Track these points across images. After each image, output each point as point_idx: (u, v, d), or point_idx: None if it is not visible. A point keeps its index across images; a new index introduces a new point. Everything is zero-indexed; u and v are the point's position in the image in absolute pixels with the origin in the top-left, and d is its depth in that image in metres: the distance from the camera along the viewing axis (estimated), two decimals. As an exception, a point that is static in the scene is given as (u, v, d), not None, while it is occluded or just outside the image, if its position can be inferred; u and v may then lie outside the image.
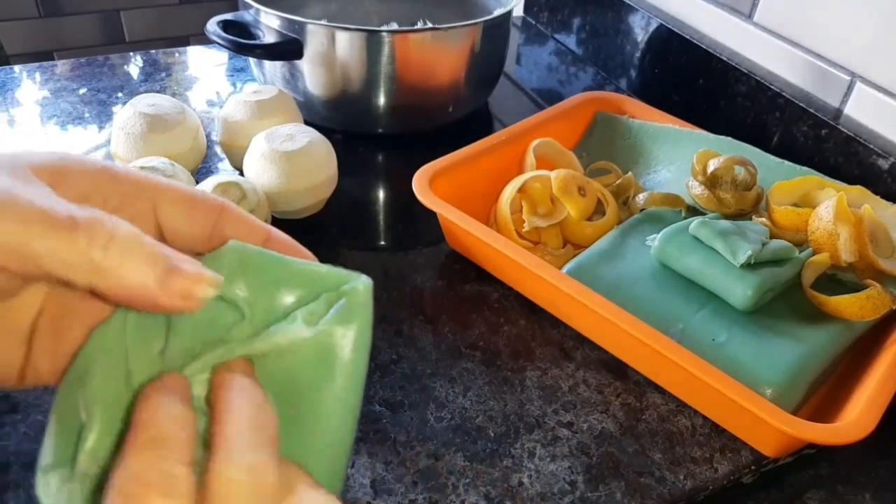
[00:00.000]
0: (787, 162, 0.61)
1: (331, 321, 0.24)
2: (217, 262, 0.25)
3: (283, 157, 0.57)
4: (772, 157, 0.62)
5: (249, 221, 0.26)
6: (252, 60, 0.78)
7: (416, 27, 0.84)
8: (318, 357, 0.24)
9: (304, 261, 0.26)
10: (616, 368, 0.51)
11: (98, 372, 0.24)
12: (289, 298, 0.25)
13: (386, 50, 0.67)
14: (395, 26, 0.85)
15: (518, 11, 1.08)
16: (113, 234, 0.21)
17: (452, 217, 0.54)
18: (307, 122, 0.65)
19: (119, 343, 0.24)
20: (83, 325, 0.25)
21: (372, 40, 0.66)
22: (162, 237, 0.25)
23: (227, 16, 0.70)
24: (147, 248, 0.21)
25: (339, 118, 0.73)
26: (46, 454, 0.24)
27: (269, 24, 0.68)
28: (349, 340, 0.25)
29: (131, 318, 0.24)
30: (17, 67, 0.83)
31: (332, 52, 0.67)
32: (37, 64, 0.84)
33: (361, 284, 0.25)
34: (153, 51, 0.89)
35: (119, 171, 0.24)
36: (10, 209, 0.19)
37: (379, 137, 0.75)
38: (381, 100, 0.71)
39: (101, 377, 0.24)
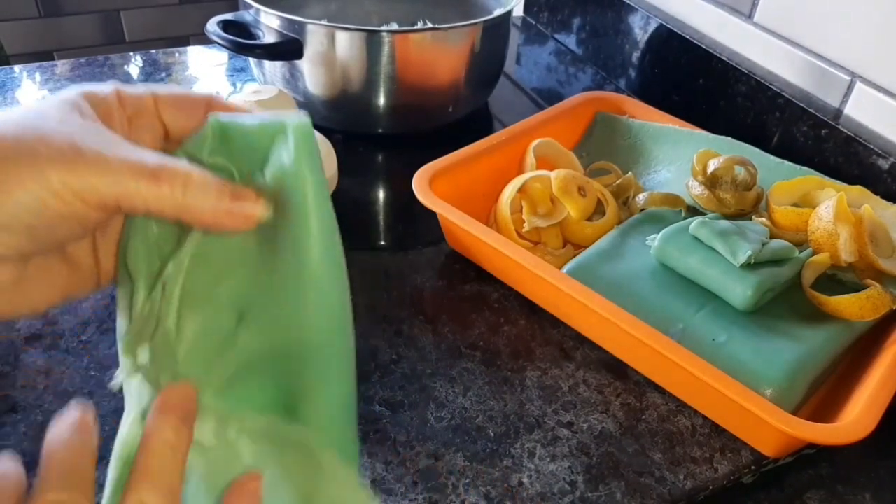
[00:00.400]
0: (787, 162, 0.61)
1: (279, 168, 0.27)
2: (202, 139, 0.28)
3: (283, 157, 0.57)
4: (772, 157, 0.62)
5: (232, 106, 0.30)
6: (252, 60, 0.78)
7: (416, 27, 0.84)
8: (284, 201, 0.27)
9: (258, 117, 0.28)
10: (616, 368, 0.51)
11: (133, 248, 0.29)
12: (260, 154, 0.28)
13: (386, 50, 0.67)
14: (394, 26, 0.85)
15: (518, 11, 1.08)
16: (187, 180, 0.26)
17: (452, 217, 0.54)
18: (307, 122, 0.65)
19: (145, 224, 0.29)
20: (121, 222, 0.31)
21: (372, 40, 0.66)
22: (169, 136, 0.30)
23: (227, 16, 0.70)
24: (214, 184, 0.26)
25: (339, 118, 0.73)
26: (118, 327, 0.30)
27: (269, 24, 0.68)
28: (300, 181, 0.27)
29: None
30: (17, 67, 0.83)
31: (332, 52, 0.67)
32: (37, 64, 0.84)
33: (292, 127, 0.27)
34: (153, 51, 0.89)
35: (125, 90, 0.29)
36: (110, 168, 0.25)
37: (379, 137, 0.75)
38: (381, 100, 0.71)
39: (135, 252, 0.29)
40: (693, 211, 0.59)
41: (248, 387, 0.29)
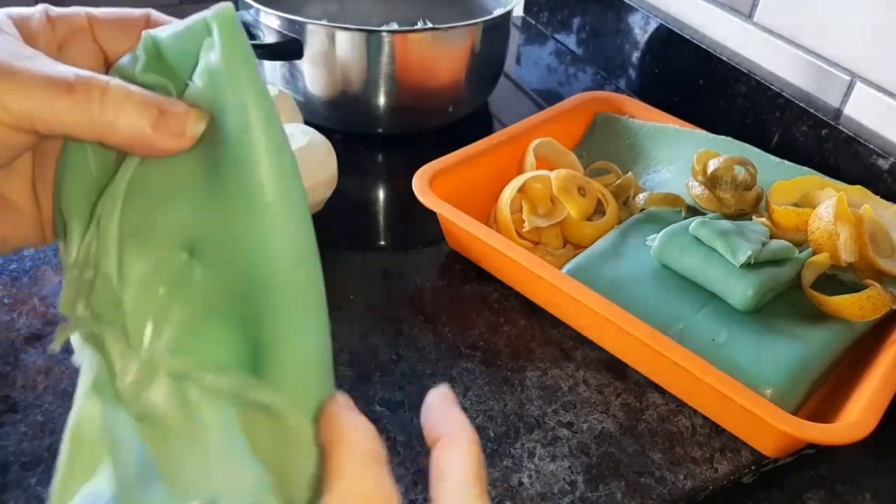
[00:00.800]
0: (787, 162, 0.61)
1: (207, 70, 0.23)
2: (135, 58, 0.25)
3: (283, 157, 0.57)
4: (772, 157, 0.62)
5: (172, 20, 0.28)
6: (252, 60, 0.78)
7: (416, 27, 0.84)
8: (220, 108, 0.23)
9: (187, 20, 0.24)
10: (616, 368, 0.51)
11: (67, 189, 0.26)
12: (192, 61, 0.24)
13: (386, 50, 0.67)
14: (394, 26, 0.86)
15: (518, 11, 1.08)
16: (104, 91, 0.23)
17: (452, 217, 0.54)
18: (307, 122, 0.65)
19: (81, 152, 0.26)
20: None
21: (372, 40, 0.66)
22: (108, 62, 0.27)
23: (228, 16, 0.70)
24: (136, 97, 0.23)
25: (339, 118, 0.73)
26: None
27: (269, 24, 0.69)
28: (233, 81, 0.23)
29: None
30: (17, 67, 0.83)
31: (332, 52, 0.67)
32: (37, 64, 0.84)
33: (211, 18, 0.23)
34: (153, 51, 0.89)
35: (55, 10, 0.26)
36: (17, 80, 0.22)
37: (379, 137, 0.75)
38: (381, 100, 0.71)
39: (69, 192, 0.25)
40: (693, 211, 0.59)
41: (208, 335, 0.24)
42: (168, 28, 0.25)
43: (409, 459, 0.43)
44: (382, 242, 0.63)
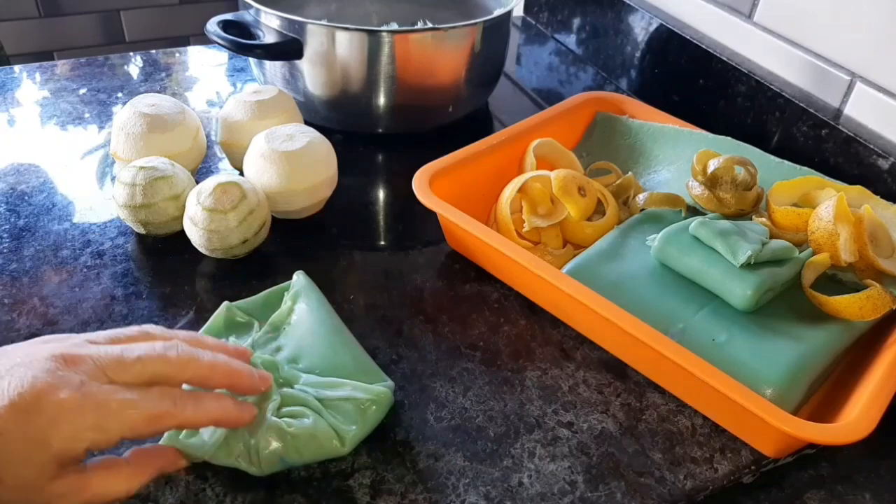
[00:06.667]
0: (787, 162, 0.61)
1: (289, 304, 0.50)
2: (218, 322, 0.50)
3: (283, 157, 0.57)
4: (772, 157, 0.62)
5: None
6: (252, 60, 0.78)
7: (416, 27, 0.84)
8: (307, 294, 0.50)
9: (275, 288, 0.52)
10: (616, 368, 0.51)
11: None
12: (275, 300, 0.51)
13: (386, 50, 0.67)
14: (394, 26, 0.86)
15: (518, 11, 1.08)
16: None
17: (452, 217, 0.54)
18: (307, 122, 0.65)
19: None
20: None
21: (372, 40, 0.66)
22: None
23: (228, 16, 0.70)
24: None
25: (339, 118, 0.73)
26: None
27: (269, 24, 0.69)
28: (303, 300, 0.50)
29: None
30: (16, 67, 0.83)
31: (332, 52, 0.67)
32: (37, 64, 0.84)
33: (295, 277, 0.52)
34: (153, 51, 0.89)
35: None
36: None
37: (379, 137, 0.75)
38: (381, 100, 0.71)
39: None
40: (693, 211, 0.59)
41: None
42: (251, 298, 0.51)
43: (409, 459, 0.43)
44: (382, 242, 0.63)
